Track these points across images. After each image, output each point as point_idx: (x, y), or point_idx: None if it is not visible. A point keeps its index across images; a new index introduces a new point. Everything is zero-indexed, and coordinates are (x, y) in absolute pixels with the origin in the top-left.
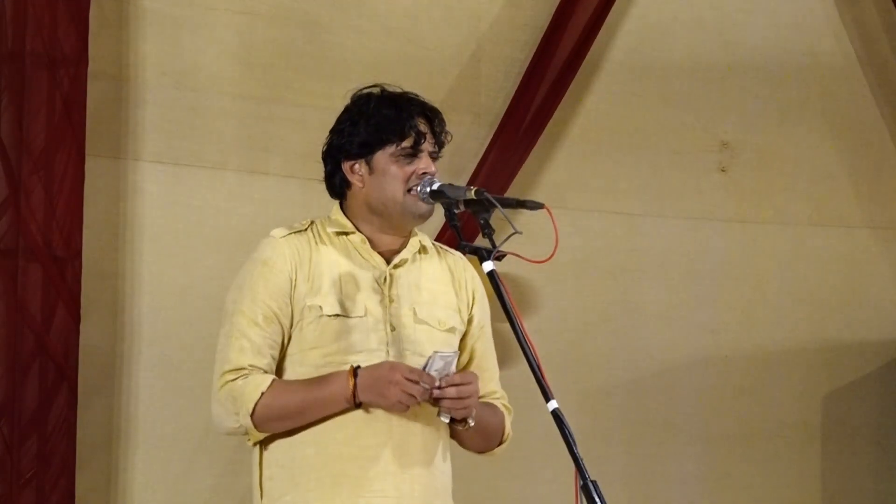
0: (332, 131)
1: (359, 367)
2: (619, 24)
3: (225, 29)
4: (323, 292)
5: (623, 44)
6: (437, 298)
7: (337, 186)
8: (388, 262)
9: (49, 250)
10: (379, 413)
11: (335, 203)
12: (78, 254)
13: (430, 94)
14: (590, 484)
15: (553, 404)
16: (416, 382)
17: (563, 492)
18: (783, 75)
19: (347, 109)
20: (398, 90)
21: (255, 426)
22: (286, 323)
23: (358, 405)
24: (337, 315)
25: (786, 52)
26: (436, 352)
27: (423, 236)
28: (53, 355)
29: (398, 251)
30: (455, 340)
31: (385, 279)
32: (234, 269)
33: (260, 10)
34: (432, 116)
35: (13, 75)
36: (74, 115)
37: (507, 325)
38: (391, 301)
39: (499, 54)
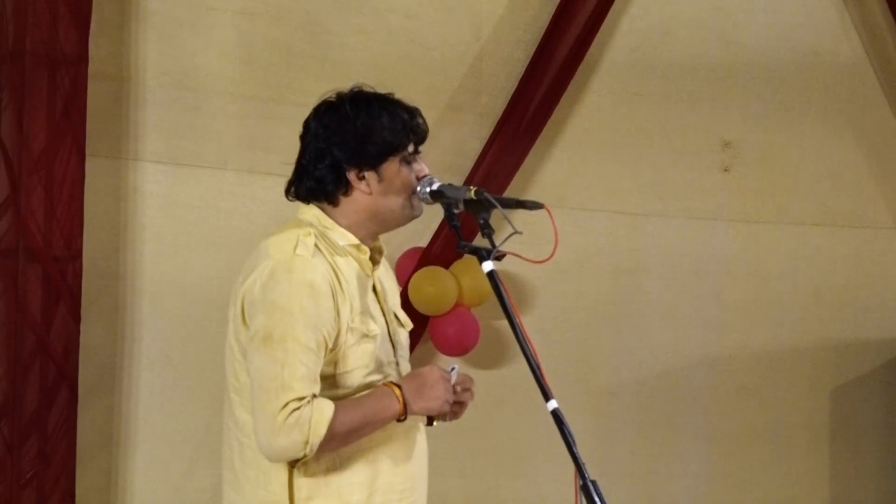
0: (322, 139)
1: (392, 382)
2: (620, 24)
3: (225, 29)
4: (358, 311)
5: (625, 43)
6: (397, 298)
7: (331, 192)
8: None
9: (49, 250)
10: (412, 424)
11: (309, 208)
12: (78, 254)
13: (432, 95)
14: (589, 484)
15: (553, 404)
16: (448, 380)
17: (565, 491)
18: (785, 74)
19: (343, 117)
20: (373, 90)
21: (315, 450)
22: (330, 346)
23: (403, 419)
24: (377, 335)
25: (788, 51)
26: (455, 368)
27: None
28: (53, 355)
29: (372, 255)
30: None
31: (374, 287)
32: (233, 269)
33: (260, 10)
34: (418, 115)
35: (13, 75)
36: (74, 115)
37: (506, 323)
38: (385, 309)
39: (500, 54)
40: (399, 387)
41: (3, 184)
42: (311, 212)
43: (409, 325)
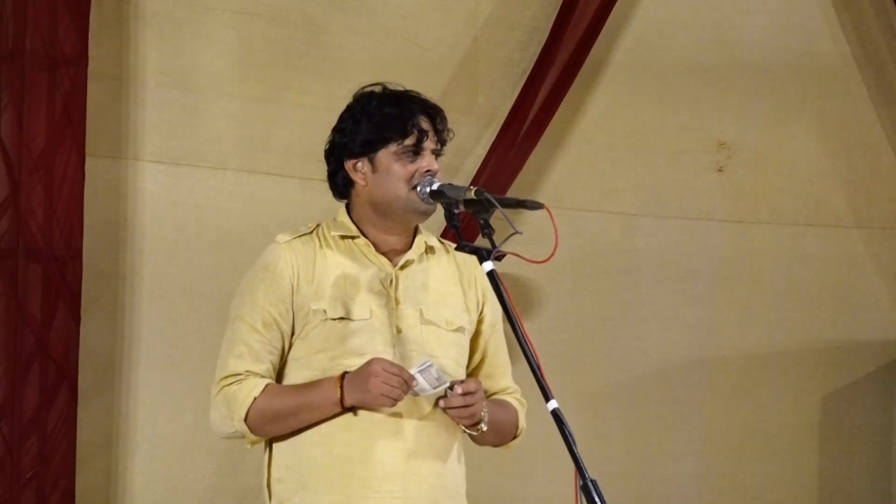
0: (334, 130)
1: (346, 372)
2: (618, 25)
3: (225, 29)
4: (327, 296)
5: (621, 44)
6: (445, 298)
7: (340, 185)
8: (393, 263)
9: (49, 250)
10: (387, 414)
11: (341, 205)
12: (78, 254)
13: (428, 94)
14: (589, 484)
15: (553, 404)
16: (397, 375)
17: (564, 491)
18: (780, 76)
19: (349, 108)
20: (400, 88)
21: (250, 430)
22: (286, 328)
23: (348, 409)
24: (341, 318)
25: (783, 52)
26: (427, 363)
27: (428, 235)
28: (53, 355)
29: (403, 252)
30: (464, 340)
31: (391, 281)
32: (234, 269)
33: (259, 10)
34: (434, 114)
35: (13, 75)
36: (74, 115)
37: (508, 324)
38: (397, 303)
39: (496, 54)
40: (343, 376)
41: (3, 184)
42: (339, 210)
43: (454, 323)
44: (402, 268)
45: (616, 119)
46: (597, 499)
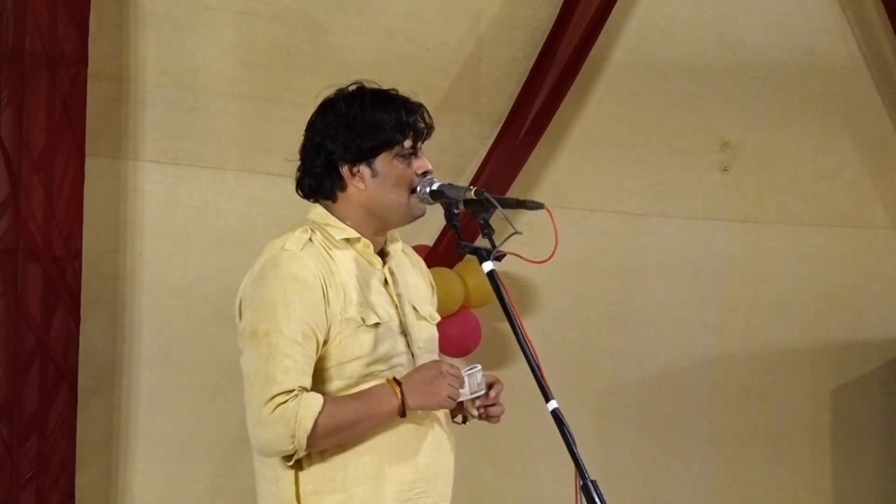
0: (319, 133)
1: (395, 378)
2: (620, 24)
3: (225, 29)
4: (355, 302)
5: (624, 43)
6: (421, 292)
7: (328, 189)
8: (383, 262)
9: (49, 250)
10: (420, 418)
11: (315, 206)
12: (78, 254)
13: (431, 94)
14: (590, 484)
15: (553, 404)
16: (458, 376)
17: (566, 492)
18: (784, 75)
19: (337, 112)
20: (377, 87)
21: (308, 445)
22: (321, 339)
23: (403, 415)
24: (376, 324)
25: (787, 51)
26: (477, 367)
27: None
28: (53, 355)
29: (383, 249)
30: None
31: (385, 280)
32: (233, 269)
33: (260, 10)
34: (419, 111)
35: (13, 75)
36: (74, 115)
37: (507, 324)
38: (398, 301)
39: (498, 54)
40: (399, 383)
41: (3, 184)
42: (315, 210)
43: (436, 318)
44: (389, 266)
45: (620, 119)
46: (597, 499)
